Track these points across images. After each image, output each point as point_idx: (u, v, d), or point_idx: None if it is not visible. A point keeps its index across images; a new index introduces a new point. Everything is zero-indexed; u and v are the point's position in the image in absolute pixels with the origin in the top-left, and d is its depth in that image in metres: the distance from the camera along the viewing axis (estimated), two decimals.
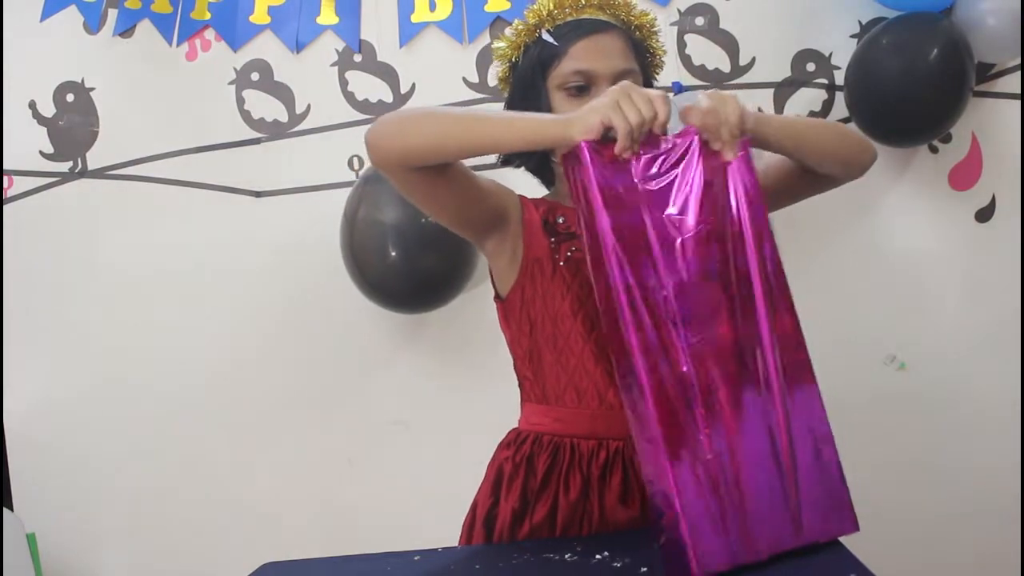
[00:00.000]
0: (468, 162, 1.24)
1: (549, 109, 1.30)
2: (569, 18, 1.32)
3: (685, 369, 1.00)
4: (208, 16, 2.28)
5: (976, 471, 2.20)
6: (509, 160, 1.41)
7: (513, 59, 1.36)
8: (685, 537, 0.96)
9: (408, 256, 2.04)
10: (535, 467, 1.32)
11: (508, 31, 1.37)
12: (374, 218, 2.05)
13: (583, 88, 1.28)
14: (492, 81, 2.21)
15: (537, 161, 1.38)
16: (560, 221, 1.32)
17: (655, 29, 1.38)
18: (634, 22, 1.35)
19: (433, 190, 1.23)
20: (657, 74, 1.41)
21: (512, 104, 1.37)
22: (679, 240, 1.03)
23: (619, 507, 1.29)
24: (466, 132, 1.14)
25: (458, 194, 1.25)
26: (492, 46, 1.42)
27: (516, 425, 1.40)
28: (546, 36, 1.31)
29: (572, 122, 1.06)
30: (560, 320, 1.31)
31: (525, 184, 1.41)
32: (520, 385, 1.40)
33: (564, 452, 1.31)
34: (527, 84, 1.33)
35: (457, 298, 2.16)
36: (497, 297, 1.39)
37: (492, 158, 1.46)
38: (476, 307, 2.18)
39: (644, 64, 1.36)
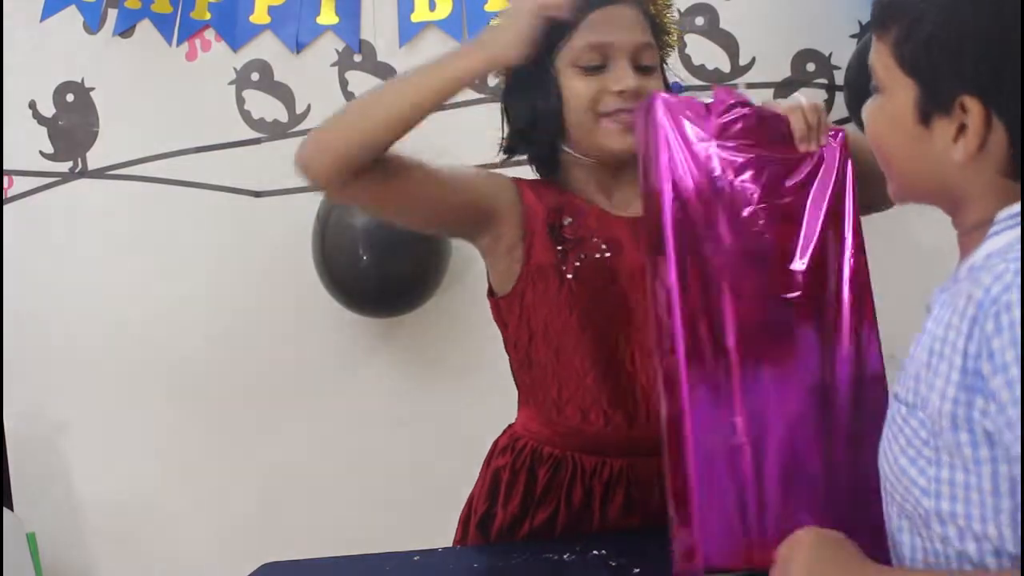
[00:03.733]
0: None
1: (558, 91, 1.19)
2: None
3: (731, 343, 0.95)
4: (208, 16, 2.28)
5: None
6: (512, 150, 1.28)
7: None
8: (696, 525, 0.93)
9: (379, 260, 2.03)
10: (536, 477, 1.27)
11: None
12: (345, 222, 2.05)
13: (599, 65, 1.18)
14: (493, 80, 2.21)
15: (544, 147, 1.25)
16: (567, 223, 1.22)
17: (669, 3, 1.29)
18: None
19: (387, 194, 1.15)
20: (670, 53, 1.32)
21: (514, 92, 1.26)
22: (746, 211, 0.99)
23: (621, 518, 1.25)
24: (385, 101, 1.09)
25: (420, 195, 1.17)
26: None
27: (511, 423, 1.36)
28: None
29: (489, 38, 1.02)
30: (565, 335, 1.22)
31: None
32: (517, 387, 1.34)
33: (566, 466, 1.26)
34: (532, 65, 1.16)
35: (429, 301, 2.17)
36: (491, 293, 1.29)
37: (476, 158, 1.35)
38: (450, 310, 2.20)
39: (660, 42, 1.26)
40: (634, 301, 1.20)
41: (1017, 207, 0.78)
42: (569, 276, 1.20)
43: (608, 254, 1.21)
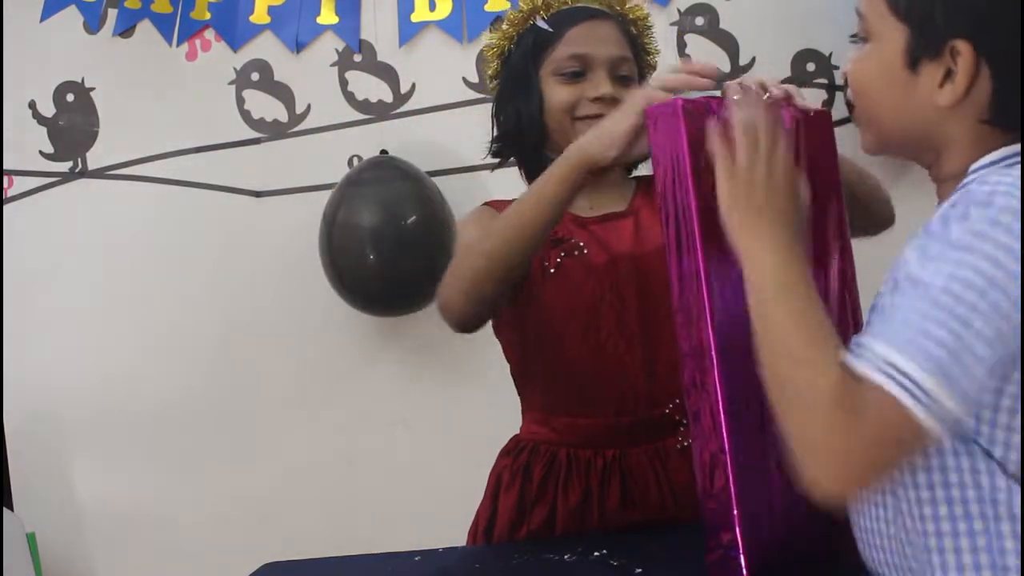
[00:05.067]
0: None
1: (541, 97, 1.28)
2: (563, 7, 1.31)
3: (759, 371, 0.90)
4: (208, 16, 2.28)
5: None
6: (501, 153, 1.36)
7: (506, 51, 1.34)
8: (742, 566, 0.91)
9: (386, 259, 2.04)
10: (531, 474, 1.29)
11: (501, 24, 1.35)
12: (353, 221, 2.07)
13: (578, 73, 1.27)
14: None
15: (528, 151, 1.32)
16: None
17: (649, 25, 1.37)
18: (629, 15, 1.33)
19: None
20: (650, 73, 1.38)
21: (503, 98, 1.34)
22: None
23: (620, 512, 1.26)
24: (509, 241, 1.12)
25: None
26: (484, 43, 1.41)
27: (517, 430, 1.38)
28: (540, 22, 1.29)
29: (587, 140, 1.06)
30: (552, 330, 1.28)
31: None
32: (519, 394, 1.37)
33: (560, 460, 1.28)
34: (519, 73, 1.30)
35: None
36: None
37: (477, 157, 1.46)
38: None
39: (639, 60, 1.34)
40: (614, 294, 1.26)
41: (989, 158, 0.81)
42: (551, 271, 1.27)
43: (586, 251, 1.28)
